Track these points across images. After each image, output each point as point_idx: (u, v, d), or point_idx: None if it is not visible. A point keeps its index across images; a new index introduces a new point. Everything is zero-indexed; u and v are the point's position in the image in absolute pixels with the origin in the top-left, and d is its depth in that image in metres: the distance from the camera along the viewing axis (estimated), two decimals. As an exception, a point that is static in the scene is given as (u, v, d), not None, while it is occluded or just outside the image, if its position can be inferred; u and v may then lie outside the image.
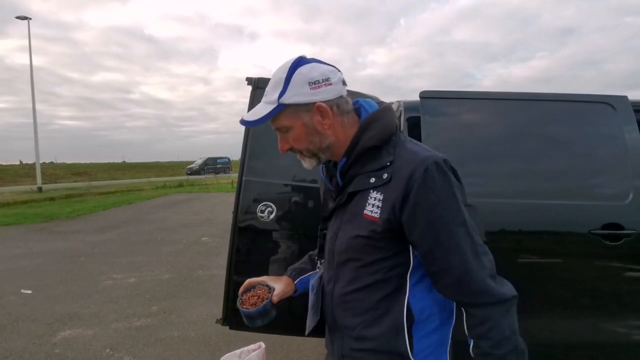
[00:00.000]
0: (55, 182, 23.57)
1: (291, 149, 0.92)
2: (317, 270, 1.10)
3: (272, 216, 1.90)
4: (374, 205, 0.84)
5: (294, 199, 1.99)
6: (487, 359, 0.81)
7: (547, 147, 1.97)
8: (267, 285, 1.06)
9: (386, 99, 2.62)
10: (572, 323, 1.90)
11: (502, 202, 1.88)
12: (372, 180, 0.85)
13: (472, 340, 0.84)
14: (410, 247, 0.86)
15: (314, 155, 0.91)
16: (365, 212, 0.85)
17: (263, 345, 1.20)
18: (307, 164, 0.93)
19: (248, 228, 1.94)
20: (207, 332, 3.08)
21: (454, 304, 0.92)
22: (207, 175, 29.46)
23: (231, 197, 2.37)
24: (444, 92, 2.01)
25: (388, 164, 0.84)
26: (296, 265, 1.17)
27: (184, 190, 17.46)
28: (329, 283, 0.97)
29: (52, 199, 13.67)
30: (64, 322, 3.30)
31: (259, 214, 1.90)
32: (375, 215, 0.83)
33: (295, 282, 1.10)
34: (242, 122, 0.91)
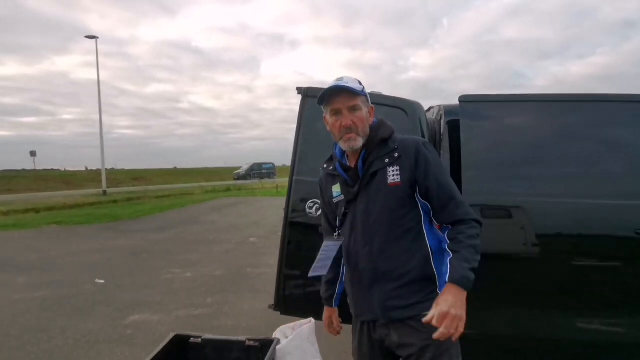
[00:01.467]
0: (117, 187, 25.58)
1: (350, 127, 1.22)
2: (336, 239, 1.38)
3: (319, 212, 2.08)
4: (394, 175, 1.21)
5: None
6: (458, 246, 1.14)
7: (590, 149, 1.99)
8: None
9: (429, 102, 2.72)
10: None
11: (543, 202, 1.93)
12: (387, 160, 1.22)
13: (447, 241, 1.19)
14: (418, 202, 1.22)
15: (361, 136, 1.24)
16: (388, 182, 1.21)
17: (313, 320, 1.39)
18: (356, 142, 1.24)
19: (298, 223, 2.14)
20: (257, 322, 3.33)
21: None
22: (253, 180, 30.50)
23: (276, 201, 2.57)
24: (483, 96, 2.10)
25: (396, 147, 1.23)
26: (325, 295, 1.46)
27: (232, 194, 18.24)
28: (365, 246, 1.25)
29: (115, 201, 14.89)
30: (133, 308, 3.70)
31: (308, 210, 2.09)
32: (397, 181, 1.20)
33: (333, 306, 1.46)
34: (343, 87, 1.20)
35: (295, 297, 2.18)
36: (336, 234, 1.38)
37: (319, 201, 2.13)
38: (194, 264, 5.40)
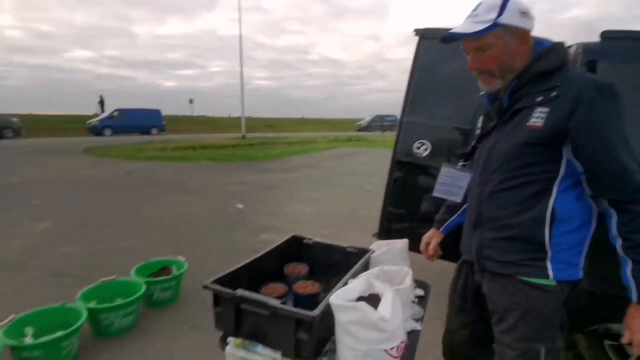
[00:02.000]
0: (253, 132, 28.69)
1: (478, 69, 1.11)
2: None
3: (426, 153, 2.16)
4: (538, 117, 1.01)
5: (447, 138, 2.18)
6: (637, 250, 0.96)
7: None
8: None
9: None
10: None
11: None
12: (539, 98, 1.03)
13: (620, 240, 0.99)
14: (564, 158, 1.02)
15: (498, 76, 1.10)
16: (528, 123, 1.03)
17: (407, 240, 1.56)
18: (490, 85, 1.12)
19: (404, 162, 2.26)
20: (364, 255, 3.67)
21: (595, 213, 1.08)
22: (374, 132, 30.59)
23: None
24: (633, 32, 1.79)
25: (557, 84, 1.01)
26: (438, 217, 1.50)
27: (352, 145, 18.80)
28: (479, 185, 1.17)
29: (251, 144, 16.92)
30: (263, 230, 4.44)
31: (415, 151, 2.19)
32: (539, 124, 1.01)
33: (440, 230, 1.47)
34: (456, 34, 1.07)
35: (396, 229, 2.37)
36: (460, 164, 1.32)
37: (426, 142, 2.21)
38: (313, 202, 6.01)
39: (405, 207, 2.39)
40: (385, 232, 2.38)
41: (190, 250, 3.54)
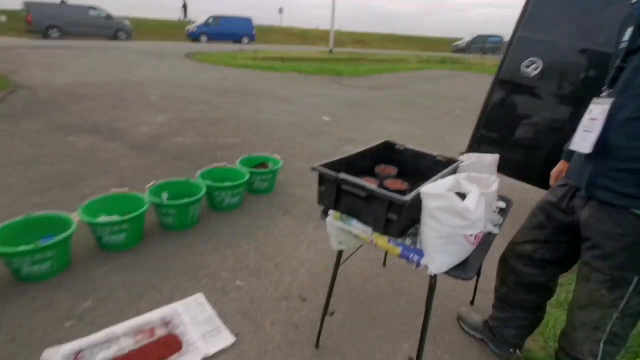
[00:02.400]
0: (341, 47, 27.74)
1: None
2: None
3: (536, 72, 2.03)
4: None
5: (566, 59, 2.00)
6: None
7: None
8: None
9: None
10: None
11: None
12: None
13: None
14: None
15: None
16: None
17: (498, 156, 1.60)
18: None
19: (508, 82, 2.16)
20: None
21: None
22: (473, 55, 27.54)
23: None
24: None
25: None
26: (566, 149, 1.43)
27: (446, 67, 17.37)
28: (613, 109, 1.09)
29: (338, 60, 16.55)
30: (348, 142, 4.64)
31: (523, 70, 2.07)
32: None
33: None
34: None
35: (486, 151, 2.37)
36: (604, 92, 1.17)
37: (538, 60, 2.05)
38: (397, 121, 5.98)
39: (500, 131, 2.33)
40: (473, 147, 2.38)
41: (280, 151, 3.91)
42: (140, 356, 1.53)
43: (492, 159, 1.57)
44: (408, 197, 1.17)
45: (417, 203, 1.18)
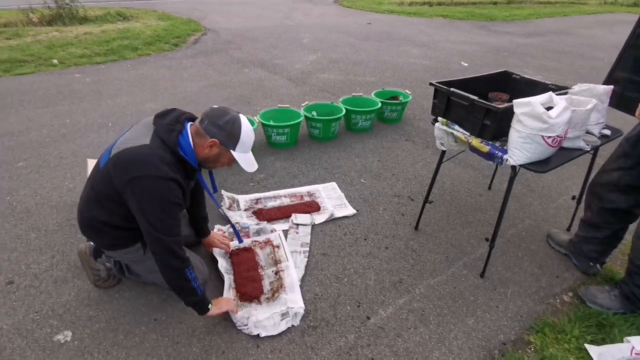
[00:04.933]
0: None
1: None
2: None
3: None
4: None
5: None
6: None
7: None
8: None
9: None
10: None
11: None
12: None
13: None
14: None
15: None
16: None
17: (612, 87, 1.72)
18: None
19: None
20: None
21: None
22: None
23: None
24: None
25: None
26: None
27: (637, 11, 13.94)
28: None
29: (495, 3, 14.85)
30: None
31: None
32: None
33: None
34: None
35: (630, 98, 2.29)
36: None
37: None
38: (549, 72, 5.51)
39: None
40: (618, 101, 2.33)
41: (412, 90, 4.24)
42: (293, 208, 2.28)
43: (604, 89, 1.70)
44: (502, 107, 1.50)
45: (510, 115, 1.50)
